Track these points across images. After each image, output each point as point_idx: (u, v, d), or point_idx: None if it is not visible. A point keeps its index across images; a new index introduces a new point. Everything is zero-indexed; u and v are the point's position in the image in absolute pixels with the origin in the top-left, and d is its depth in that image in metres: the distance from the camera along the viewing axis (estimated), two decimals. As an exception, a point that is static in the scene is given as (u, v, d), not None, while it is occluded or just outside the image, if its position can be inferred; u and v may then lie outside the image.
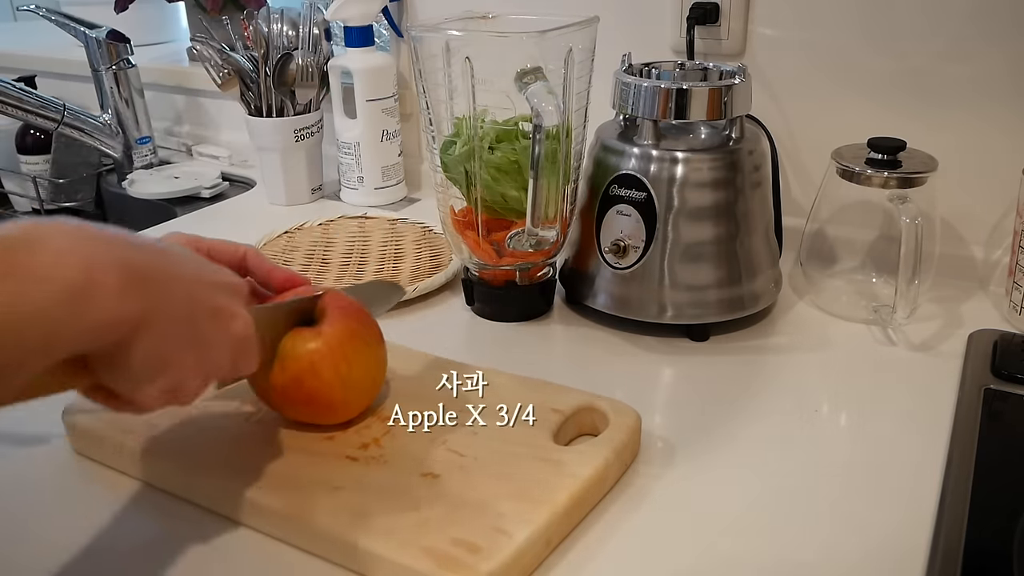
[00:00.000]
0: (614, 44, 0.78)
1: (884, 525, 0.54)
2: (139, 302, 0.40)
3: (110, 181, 1.29)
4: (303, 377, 0.56)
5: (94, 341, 0.39)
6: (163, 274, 0.42)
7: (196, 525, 0.54)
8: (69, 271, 0.37)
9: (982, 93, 0.81)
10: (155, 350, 0.41)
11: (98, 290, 0.38)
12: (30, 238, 0.37)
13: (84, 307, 0.37)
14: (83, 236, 0.39)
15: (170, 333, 0.42)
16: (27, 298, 0.35)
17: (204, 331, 0.45)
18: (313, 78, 1.06)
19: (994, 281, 0.84)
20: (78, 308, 0.37)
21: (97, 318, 0.38)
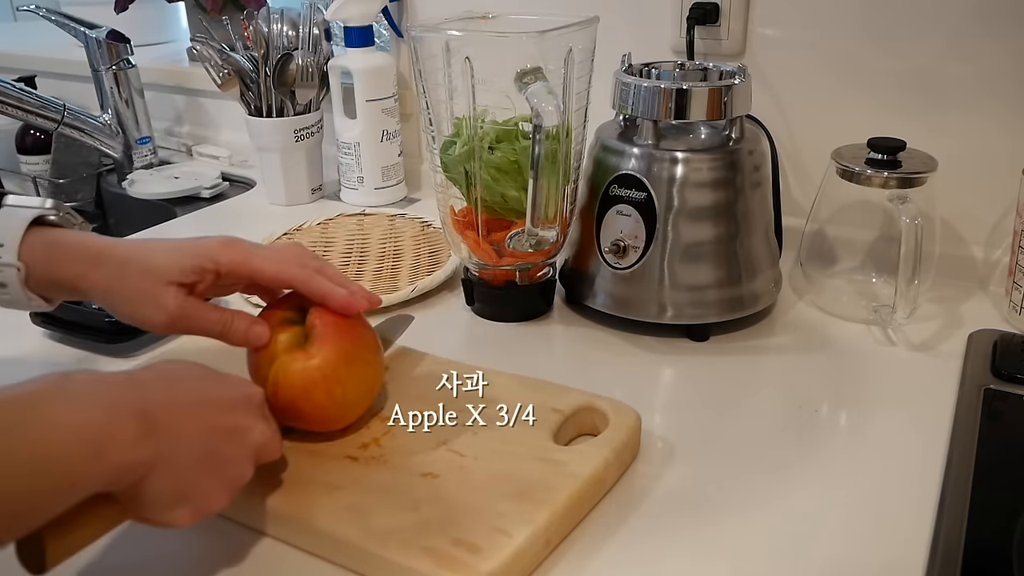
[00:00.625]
0: (614, 44, 0.78)
1: (884, 525, 0.54)
2: (152, 446, 0.43)
3: (110, 181, 1.29)
4: (297, 402, 0.56)
5: (112, 484, 0.42)
6: (176, 414, 0.45)
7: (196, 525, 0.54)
8: (91, 427, 0.40)
9: (982, 93, 0.81)
10: (173, 480, 0.45)
11: (116, 439, 0.41)
12: (54, 390, 0.40)
13: (104, 455, 0.40)
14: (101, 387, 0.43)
15: (185, 466, 0.45)
16: (51, 448, 0.39)
17: (221, 453, 0.47)
18: (313, 78, 1.06)
19: (994, 281, 0.84)
20: (98, 456, 0.40)
21: (116, 463, 0.41)
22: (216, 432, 0.47)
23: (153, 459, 0.43)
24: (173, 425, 0.44)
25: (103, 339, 0.74)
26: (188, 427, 0.45)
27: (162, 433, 0.43)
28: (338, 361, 0.56)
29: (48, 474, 0.38)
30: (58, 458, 0.39)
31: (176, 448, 0.44)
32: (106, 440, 0.40)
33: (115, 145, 1.25)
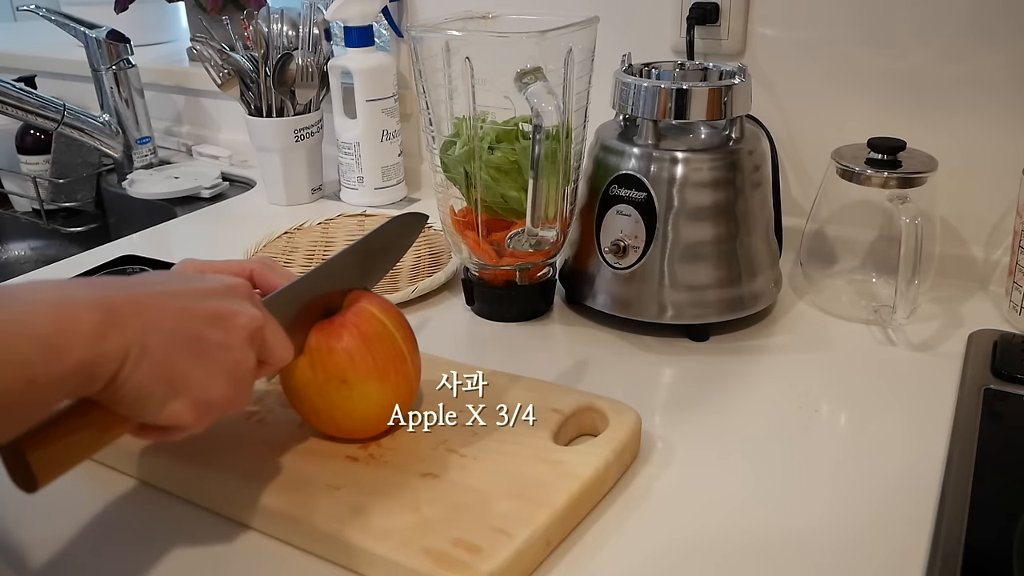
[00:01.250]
0: (614, 44, 0.78)
1: (884, 525, 0.54)
2: (119, 337, 0.40)
3: (110, 181, 1.29)
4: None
5: (82, 384, 0.40)
6: (143, 302, 0.43)
7: (196, 525, 0.54)
8: (41, 319, 0.38)
9: (982, 93, 0.81)
10: (156, 372, 0.42)
11: (73, 332, 0.39)
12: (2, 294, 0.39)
13: (61, 352, 0.38)
14: (54, 286, 0.40)
15: (164, 355, 0.43)
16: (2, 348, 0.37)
17: (205, 339, 0.45)
18: (313, 78, 1.06)
19: (994, 281, 0.84)
20: (55, 354, 0.38)
21: (77, 361, 0.39)
22: (195, 318, 0.45)
23: (122, 352, 0.40)
24: (140, 313, 0.42)
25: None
26: (158, 316, 0.43)
27: (128, 324, 0.41)
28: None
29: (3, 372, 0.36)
30: (9, 358, 0.37)
31: (148, 338, 0.42)
32: (61, 333, 0.38)
33: (115, 145, 1.25)
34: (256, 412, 0.61)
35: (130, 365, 0.41)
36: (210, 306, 0.46)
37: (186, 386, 0.44)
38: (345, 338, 0.55)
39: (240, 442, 0.58)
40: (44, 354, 0.38)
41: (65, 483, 0.58)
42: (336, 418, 0.56)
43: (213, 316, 0.46)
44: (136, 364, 0.41)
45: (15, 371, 0.37)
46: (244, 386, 0.48)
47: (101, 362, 0.40)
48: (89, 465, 0.60)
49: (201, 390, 0.45)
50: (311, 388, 0.55)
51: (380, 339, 0.56)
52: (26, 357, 0.37)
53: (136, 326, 0.42)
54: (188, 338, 0.44)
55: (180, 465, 0.57)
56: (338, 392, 0.55)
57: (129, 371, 0.41)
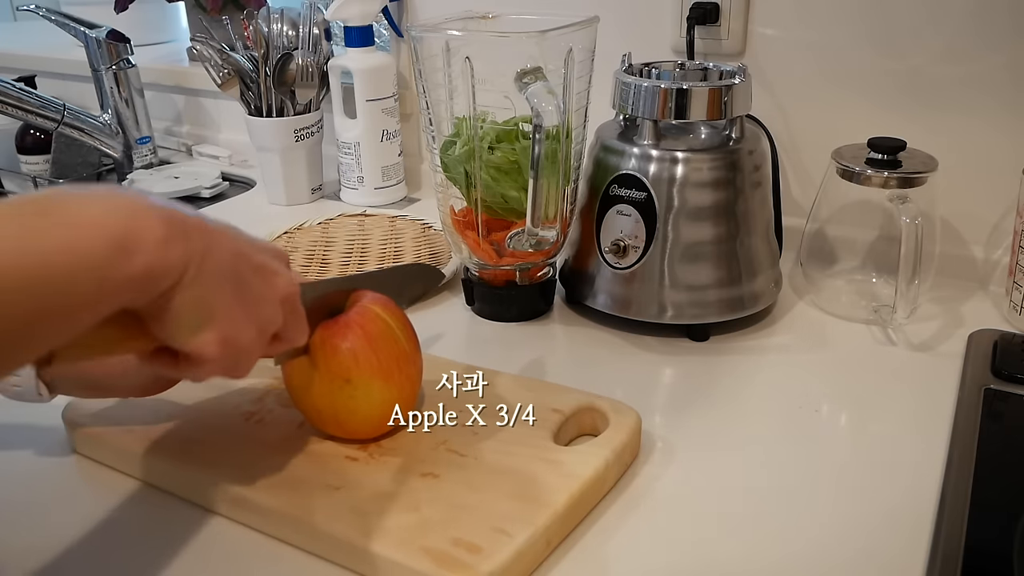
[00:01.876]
0: (614, 44, 0.78)
1: (884, 525, 0.54)
2: (183, 250, 0.41)
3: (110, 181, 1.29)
4: None
5: (142, 290, 0.40)
6: (206, 228, 0.44)
7: (196, 525, 0.54)
8: (116, 220, 0.39)
9: (982, 93, 0.81)
10: (201, 298, 0.43)
11: (143, 238, 0.39)
12: (79, 193, 0.39)
13: (131, 254, 0.39)
14: (128, 194, 0.41)
15: (215, 282, 0.44)
16: (78, 244, 0.37)
17: (250, 284, 0.46)
18: (313, 78, 1.06)
19: (994, 281, 0.84)
20: (125, 255, 0.38)
21: (143, 264, 0.39)
22: (246, 261, 0.46)
23: (183, 266, 0.41)
24: (204, 237, 0.43)
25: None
26: (219, 245, 0.44)
27: (193, 241, 0.42)
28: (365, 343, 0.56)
29: (77, 268, 0.37)
30: (85, 251, 0.37)
31: (206, 262, 0.43)
32: (133, 236, 0.39)
33: (115, 145, 1.25)
34: (256, 412, 0.61)
35: (186, 281, 0.42)
36: (260, 258, 0.48)
37: (222, 321, 0.45)
38: (350, 338, 0.55)
39: (240, 442, 0.58)
40: (116, 254, 0.38)
41: (66, 483, 0.59)
42: (339, 418, 0.56)
43: (260, 267, 0.47)
44: (191, 282, 0.42)
45: (88, 270, 0.37)
46: (261, 341, 0.48)
47: (163, 270, 0.40)
48: (90, 465, 0.60)
49: (233, 328, 0.45)
50: (315, 387, 0.55)
51: (384, 339, 0.56)
52: (99, 256, 0.38)
53: (199, 245, 0.42)
54: (237, 277, 0.45)
55: (180, 465, 0.57)
56: (342, 392, 0.55)
57: (184, 287, 0.42)
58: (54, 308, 0.37)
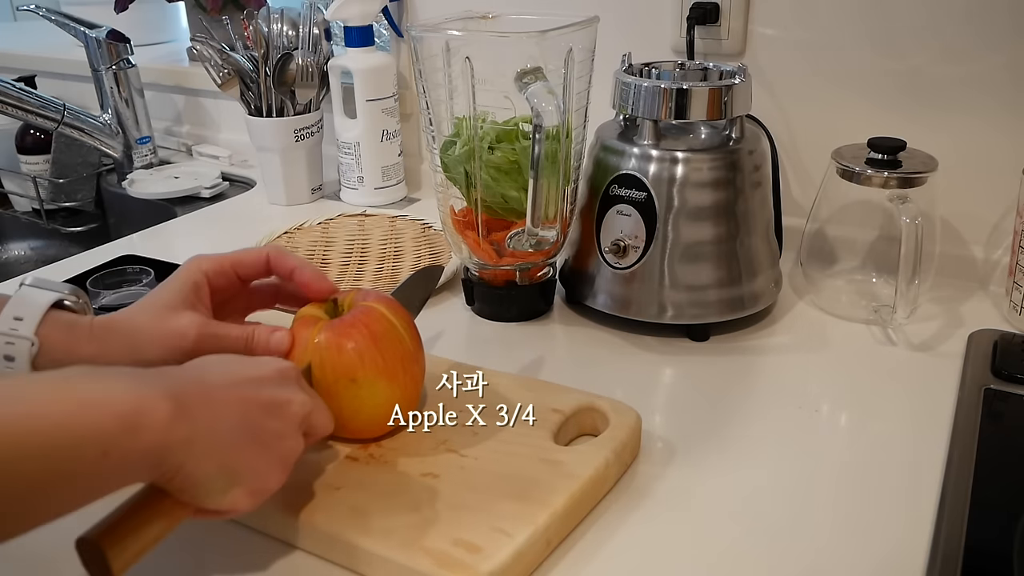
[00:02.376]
0: (614, 44, 0.78)
1: (884, 525, 0.54)
2: (188, 426, 0.43)
3: (110, 181, 1.29)
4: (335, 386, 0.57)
5: (151, 468, 0.42)
6: (208, 394, 0.45)
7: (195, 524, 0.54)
8: (121, 400, 0.40)
9: (982, 93, 0.81)
10: (219, 463, 0.45)
11: (149, 416, 0.41)
12: (83, 371, 0.42)
13: (136, 432, 0.40)
14: (129, 372, 0.43)
15: (228, 444, 0.45)
16: (84, 418, 0.39)
17: (264, 428, 0.47)
18: (313, 78, 1.06)
19: (994, 281, 0.84)
20: (131, 433, 0.40)
21: (148, 444, 0.41)
22: (254, 407, 0.47)
23: (190, 440, 0.43)
24: (207, 405, 0.44)
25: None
26: (223, 406, 0.45)
27: (196, 413, 0.43)
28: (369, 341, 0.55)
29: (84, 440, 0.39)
30: (91, 425, 0.39)
31: (214, 428, 0.44)
32: (138, 416, 0.40)
33: (115, 145, 1.25)
34: (256, 412, 0.61)
35: (196, 455, 0.43)
36: (267, 395, 0.48)
37: (246, 475, 0.46)
38: (355, 337, 0.55)
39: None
40: (121, 430, 0.40)
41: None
42: (343, 417, 0.56)
43: (270, 405, 0.48)
44: (202, 455, 0.43)
45: (92, 442, 0.39)
46: (290, 470, 0.49)
47: (170, 449, 0.42)
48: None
49: (259, 479, 0.47)
50: (319, 387, 0.55)
51: (389, 339, 0.56)
52: (104, 429, 0.39)
53: (204, 419, 0.44)
54: (248, 429, 0.46)
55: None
56: (347, 391, 0.55)
57: (196, 461, 0.43)
58: (61, 475, 0.38)
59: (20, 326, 0.51)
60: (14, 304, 0.52)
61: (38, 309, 0.52)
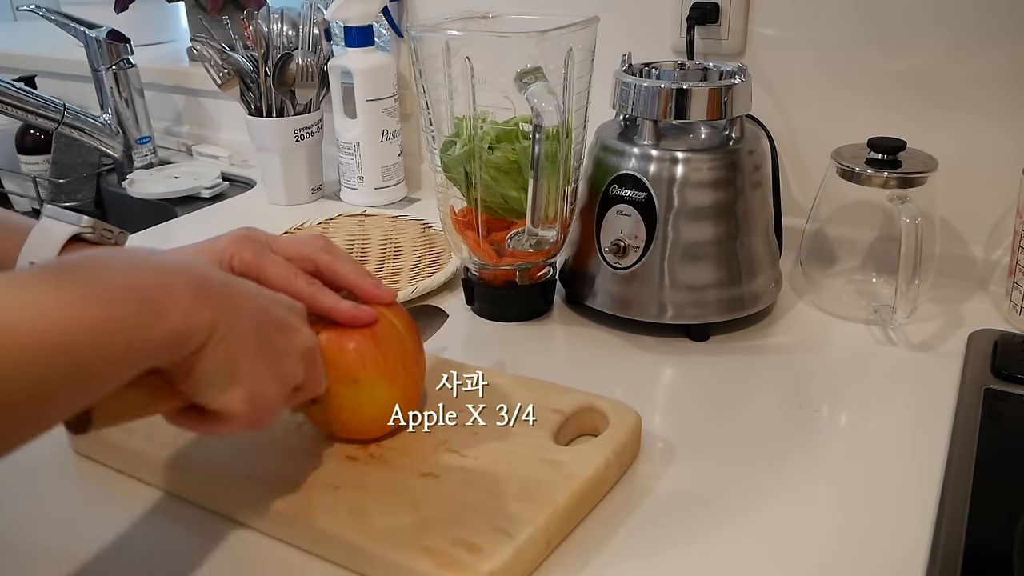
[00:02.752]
0: (614, 44, 0.78)
1: (884, 525, 0.54)
2: (209, 312, 0.42)
3: (110, 181, 1.29)
4: None
5: (171, 351, 0.42)
6: (230, 289, 0.46)
7: (195, 525, 0.54)
8: (144, 284, 0.40)
9: (982, 93, 0.81)
10: (228, 356, 0.44)
11: (171, 300, 0.41)
12: (106, 256, 0.42)
13: (160, 316, 0.40)
14: (155, 255, 0.43)
15: (240, 341, 0.45)
16: (111, 308, 0.38)
17: (273, 341, 0.48)
18: (313, 78, 1.06)
19: (994, 281, 0.84)
20: (154, 317, 0.40)
21: (172, 326, 0.41)
22: (269, 320, 0.47)
23: (210, 327, 0.42)
24: (229, 299, 0.45)
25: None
26: (243, 305, 0.46)
27: (219, 303, 0.43)
28: None
29: (108, 332, 0.38)
30: (118, 315, 0.38)
31: (232, 322, 0.44)
32: (163, 299, 0.40)
33: (115, 145, 1.25)
34: (256, 412, 0.61)
35: (213, 342, 0.43)
36: (280, 315, 0.49)
37: (248, 378, 0.46)
38: (356, 338, 0.55)
39: (240, 443, 0.58)
40: (146, 317, 0.39)
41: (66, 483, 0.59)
42: (343, 418, 0.56)
43: (281, 324, 0.49)
44: (218, 342, 0.43)
45: (119, 332, 0.38)
46: (284, 394, 0.49)
47: (192, 331, 0.42)
48: (90, 466, 0.60)
49: (259, 385, 0.46)
50: None
51: (390, 340, 0.56)
52: (129, 319, 0.39)
53: (224, 307, 0.44)
54: (261, 335, 0.46)
55: (180, 467, 0.57)
56: (347, 391, 0.55)
57: (211, 348, 0.43)
58: (89, 368, 0.38)
59: None
60: (29, 247, 0.53)
61: (52, 250, 0.53)
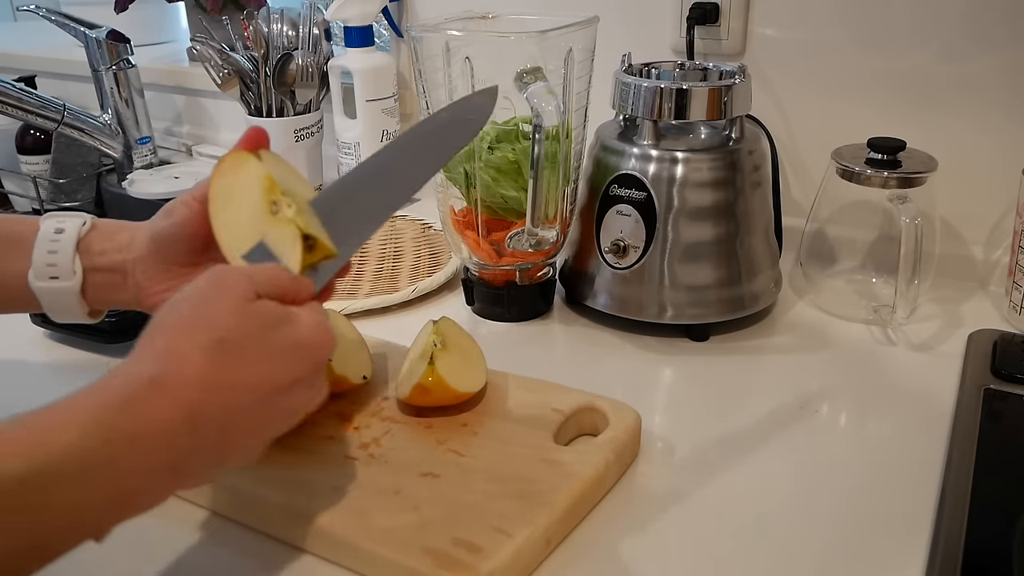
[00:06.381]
0: (614, 44, 0.78)
1: (884, 525, 0.54)
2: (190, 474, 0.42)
3: (110, 181, 1.29)
4: None
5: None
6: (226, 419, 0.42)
7: (195, 525, 0.54)
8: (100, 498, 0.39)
9: (982, 93, 0.81)
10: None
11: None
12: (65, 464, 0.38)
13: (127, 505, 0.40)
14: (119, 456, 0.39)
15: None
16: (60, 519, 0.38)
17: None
18: (313, 78, 1.06)
19: (994, 281, 0.84)
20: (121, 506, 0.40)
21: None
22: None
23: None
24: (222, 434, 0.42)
25: (103, 339, 0.74)
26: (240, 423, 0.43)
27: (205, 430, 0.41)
28: None
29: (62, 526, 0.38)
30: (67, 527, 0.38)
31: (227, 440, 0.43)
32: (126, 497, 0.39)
33: (115, 145, 1.25)
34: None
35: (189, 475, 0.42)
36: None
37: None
38: None
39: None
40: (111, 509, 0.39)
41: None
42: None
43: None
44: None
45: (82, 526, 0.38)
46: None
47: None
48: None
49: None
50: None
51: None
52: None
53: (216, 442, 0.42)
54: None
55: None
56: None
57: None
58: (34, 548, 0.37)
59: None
60: None
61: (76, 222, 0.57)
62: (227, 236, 0.51)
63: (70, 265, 0.56)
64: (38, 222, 0.57)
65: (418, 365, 0.59)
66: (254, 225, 0.51)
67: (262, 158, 0.53)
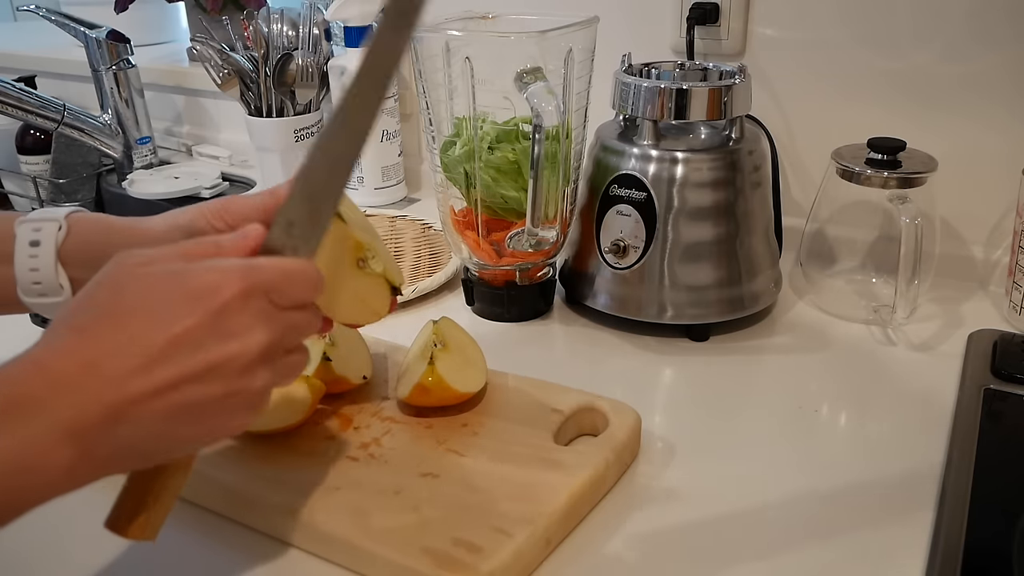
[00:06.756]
0: (614, 44, 0.78)
1: (884, 525, 0.54)
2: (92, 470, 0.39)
3: (110, 181, 1.29)
4: None
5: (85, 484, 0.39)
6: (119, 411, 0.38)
7: (195, 525, 0.54)
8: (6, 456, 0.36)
9: (982, 93, 0.81)
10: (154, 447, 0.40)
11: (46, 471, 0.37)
12: None
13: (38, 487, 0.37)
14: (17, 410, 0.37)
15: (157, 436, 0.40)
16: None
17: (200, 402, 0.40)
18: (313, 78, 1.06)
19: (994, 281, 0.84)
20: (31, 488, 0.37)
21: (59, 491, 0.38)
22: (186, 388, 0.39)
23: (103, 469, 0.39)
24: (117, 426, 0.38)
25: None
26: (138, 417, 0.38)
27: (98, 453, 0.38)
28: None
29: None
30: None
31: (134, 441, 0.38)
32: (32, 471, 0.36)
33: (115, 145, 1.25)
34: (256, 412, 0.61)
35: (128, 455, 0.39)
36: (201, 360, 0.39)
37: (188, 442, 0.42)
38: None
39: (239, 443, 0.58)
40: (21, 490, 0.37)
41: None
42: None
43: (206, 371, 0.39)
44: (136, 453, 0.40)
45: None
46: (262, 405, 0.43)
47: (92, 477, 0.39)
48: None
49: (206, 440, 0.42)
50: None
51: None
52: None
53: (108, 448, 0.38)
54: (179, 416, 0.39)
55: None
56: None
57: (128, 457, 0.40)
58: None
59: (46, 214, 0.53)
60: None
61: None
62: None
63: (55, 281, 0.51)
64: (12, 225, 0.52)
65: (418, 365, 0.59)
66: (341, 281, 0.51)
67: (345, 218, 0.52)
